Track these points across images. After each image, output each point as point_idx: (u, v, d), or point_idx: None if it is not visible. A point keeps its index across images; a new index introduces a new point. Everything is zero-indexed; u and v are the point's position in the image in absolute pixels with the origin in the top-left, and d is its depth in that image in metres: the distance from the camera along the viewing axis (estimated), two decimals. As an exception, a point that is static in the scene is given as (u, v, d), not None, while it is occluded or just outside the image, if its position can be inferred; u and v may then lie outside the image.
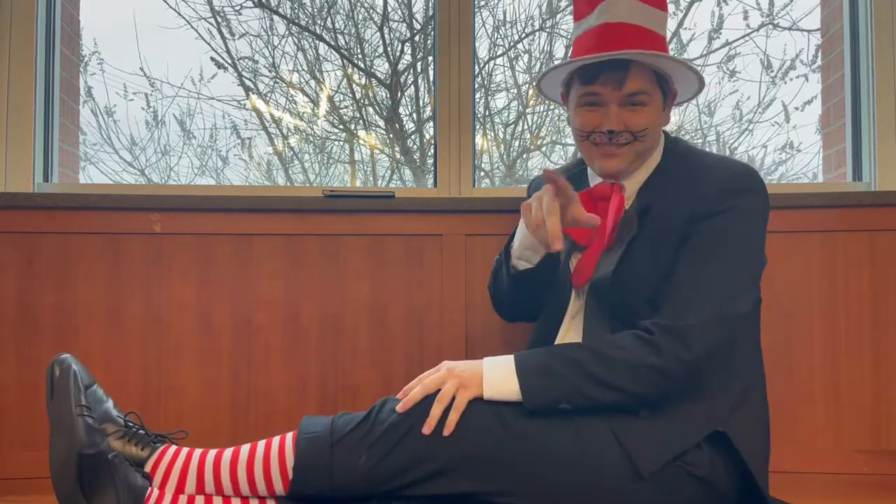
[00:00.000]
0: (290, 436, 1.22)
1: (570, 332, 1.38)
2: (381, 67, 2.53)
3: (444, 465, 1.16)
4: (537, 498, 1.18)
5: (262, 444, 1.23)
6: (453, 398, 1.19)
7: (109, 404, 1.28)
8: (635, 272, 1.29)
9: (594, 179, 1.42)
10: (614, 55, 1.28)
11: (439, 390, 1.20)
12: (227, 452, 1.23)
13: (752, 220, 1.29)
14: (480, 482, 1.17)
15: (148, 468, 1.20)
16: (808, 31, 2.42)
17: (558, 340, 1.39)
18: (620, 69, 1.29)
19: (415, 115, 2.52)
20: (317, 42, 2.53)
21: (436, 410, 1.17)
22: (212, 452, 1.23)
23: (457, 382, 1.19)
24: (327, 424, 1.21)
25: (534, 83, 2.45)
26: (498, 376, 1.21)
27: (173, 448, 1.24)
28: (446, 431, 1.16)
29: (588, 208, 1.34)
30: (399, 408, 1.18)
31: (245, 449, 1.23)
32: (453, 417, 1.16)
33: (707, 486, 1.22)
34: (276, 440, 1.23)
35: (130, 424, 1.25)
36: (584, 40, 1.35)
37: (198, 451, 1.23)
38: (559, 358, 1.21)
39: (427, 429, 1.16)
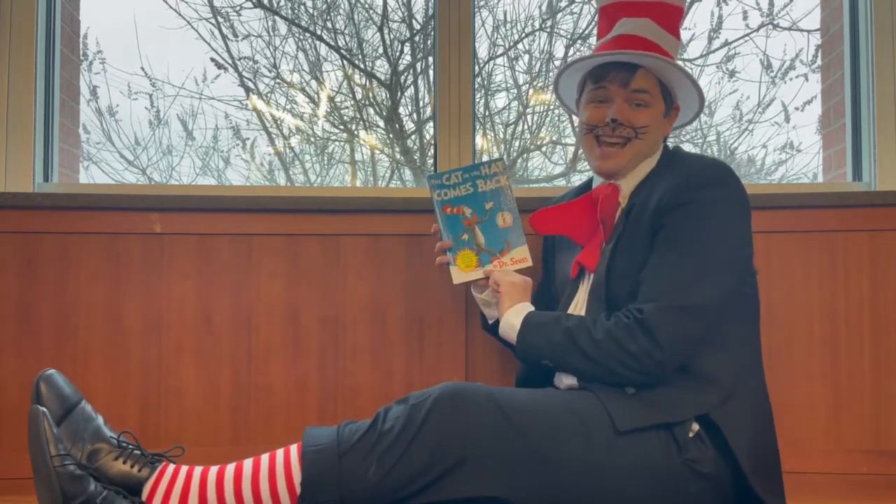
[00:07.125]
0: (294, 448, 1.20)
1: None
2: (382, 68, 2.53)
3: (452, 468, 1.16)
4: (544, 497, 1.19)
5: (265, 458, 1.21)
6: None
7: (100, 421, 1.26)
8: (619, 269, 1.35)
9: (597, 182, 1.49)
10: (623, 55, 1.37)
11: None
12: (230, 469, 1.21)
13: (719, 212, 1.31)
14: (487, 481, 1.17)
15: (147, 489, 1.19)
16: (808, 32, 2.42)
17: None
18: (628, 70, 1.38)
19: (415, 115, 2.52)
20: (317, 43, 2.54)
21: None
22: (213, 470, 1.21)
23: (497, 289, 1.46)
24: (333, 435, 1.19)
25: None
26: (512, 319, 1.39)
27: (172, 467, 1.22)
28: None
29: (588, 209, 1.45)
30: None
31: (248, 464, 1.21)
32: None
33: (712, 483, 1.23)
34: (279, 454, 1.21)
35: (125, 444, 1.23)
36: (599, 48, 1.44)
37: (198, 469, 1.21)
38: (559, 327, 1.32)
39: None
